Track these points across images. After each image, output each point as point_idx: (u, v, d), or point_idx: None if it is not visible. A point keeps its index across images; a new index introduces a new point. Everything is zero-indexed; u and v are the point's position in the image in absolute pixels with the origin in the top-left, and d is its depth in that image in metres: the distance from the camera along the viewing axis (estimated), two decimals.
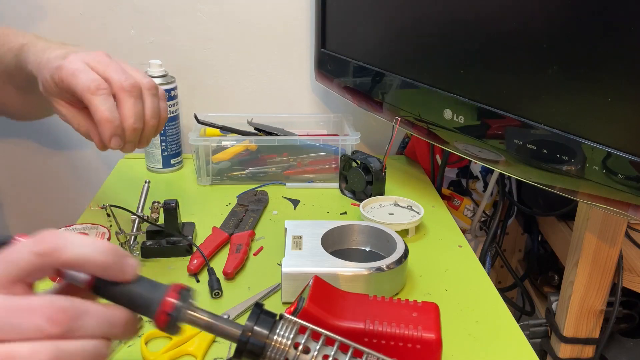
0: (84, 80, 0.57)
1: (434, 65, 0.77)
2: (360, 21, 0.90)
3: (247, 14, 1.03)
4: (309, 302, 0.49)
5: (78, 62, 0.59)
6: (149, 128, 0.62)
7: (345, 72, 0.95)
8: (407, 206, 0.83)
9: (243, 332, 0.39)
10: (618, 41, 0.54)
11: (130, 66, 0.62)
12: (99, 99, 0.57)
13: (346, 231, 0.71)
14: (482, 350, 0.57)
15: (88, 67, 0.59)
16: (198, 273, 0.68)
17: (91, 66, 0.59)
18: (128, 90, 0.59)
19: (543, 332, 0.93)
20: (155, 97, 0.62)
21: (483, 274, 0.71)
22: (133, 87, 0.59)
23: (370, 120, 1.06)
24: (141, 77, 0.61)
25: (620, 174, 0.55)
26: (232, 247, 0.72)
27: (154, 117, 0.62)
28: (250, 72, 1.07)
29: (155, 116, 0.62)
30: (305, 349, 0.40)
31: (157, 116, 0.63)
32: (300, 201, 0.89)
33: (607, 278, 0.80)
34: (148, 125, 0.62)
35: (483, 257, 1.01)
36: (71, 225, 0.71)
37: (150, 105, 0.62)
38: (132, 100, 0.59)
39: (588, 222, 0.77)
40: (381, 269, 0.62)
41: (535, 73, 0.62)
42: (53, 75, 0.59)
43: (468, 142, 0.73)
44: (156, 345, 0.56)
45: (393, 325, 0.49)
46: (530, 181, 0.66)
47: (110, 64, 0.60)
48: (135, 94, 0.59)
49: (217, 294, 0.64)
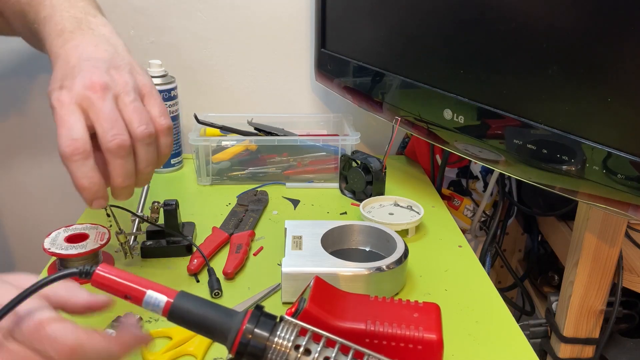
0: (62, 140, 0.51)
1: (434, 65, 0.77)
2: (360, 21, 0.90)
3: (247, 13, 1.03)
4: (309, 303, 0.49)
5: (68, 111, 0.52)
6: (144, 176, 0.56)
7: (345, 72, 0.95)
8: (407, 206, 0.83)
9: (244, 335, 0.39)
10: (618, 41, 0.54)
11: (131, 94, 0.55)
12: (73, 166, 0.51)
13: (346, 231, 0.71)
14: (482, 350, 0.57)
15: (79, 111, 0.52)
16: (198, 273, 0.68)
17: (83, 108, 0.52)
18: (114, 151, 0.52)
19: (543, 332, 0.93)
20: (151, 146, 0.55)
21: (483, 274, 0.71)
22: (119, 148, 0.52)
23: (370, 120, 1.06)
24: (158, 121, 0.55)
25: (620, 174, 0.55)
26: (232, 247, 0.72)
27: (149, 165, 0.55)
28: (250, 72, 1.07)
29: (151, 164, 0.55)
30: (306, 350, 0.40)
31: (153, 163, 0.56)
32: (300, 201, 0.89)
33: (607, 278, 0.80)
34: (142, 174, 0.55)
35: (483, 257, 1.01)
36: (71, 225, 0.71)
37: (145, 156, 0.54)
38: (120, 161, 0.52)
39: (588, 222, 0.77)
40: (381, 269, 0.62)
41: (535, 73, 0.62)
42: (51, 111, 0.53)
43: (468, 142, 0.73)
44: (156, 346, 0.56)
45: (394, 325, 0.49)
46: (530, 181, 0.66)
47: (100, 110, 0.52)
48: (122, 152, 0.52)
49: (217, 294, 0.64)
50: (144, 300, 0.40)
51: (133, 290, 0.41)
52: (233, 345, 0.39)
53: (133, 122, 0.53)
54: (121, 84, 0.55)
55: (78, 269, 0.41)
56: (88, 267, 0.41)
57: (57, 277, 0.41)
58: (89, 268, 0.41)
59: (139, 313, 0.58)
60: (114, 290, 0.41)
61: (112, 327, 0.56)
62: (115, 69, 0.56)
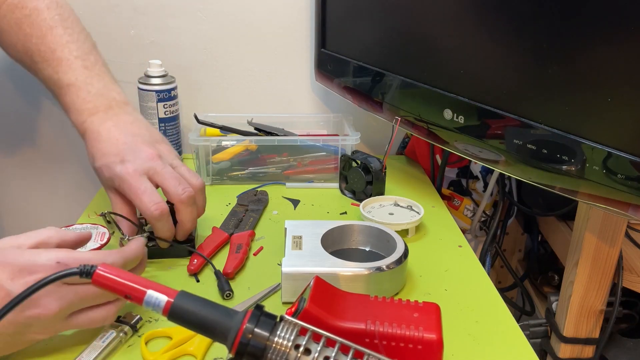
0: (147, 205, 0.64)
1: (434, 65, 0.77)
2: (360, 21, 0.90)
3: (247, 14, 1.03)
4: (309, 303, 0.49)
5: (139, 180, 0.65)
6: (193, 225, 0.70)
7: (345, 72, 0.95)
8: (407, 206, 0.83)
9: (244, 334, 0.39)
10: (618, 41, 0.54)
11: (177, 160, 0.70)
12: (161, 224, 0.65)
13: (346, 231, 0.71)
14: (482, 350, 0.57)
15: (146, 178, 0.65)
16: (198, 273, 0.68)
17: (149, 175, 0.66)
18: (186, 202, 0.66)
19: (543, 332, 0.93)
20: (203, 193, 0.70)
21: (483, 274, 0.71)
22: (189, 199, 0.66)
23: (370, 120, 1.06)
24: (193, 180, 0.68)
25: (621, 174, 0.55)
26: (232, 247, 0.72)
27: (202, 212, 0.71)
28: (250, 72, 1.07)
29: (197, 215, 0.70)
30: (306, 350, 0.40)
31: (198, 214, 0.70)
32: (300, 201, 0.89)
33: (607, 278, 0.80)
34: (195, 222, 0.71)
35: (483, 257, 1.01)
36: (71, 225, 0.71)
37: (202, 203, 0.70)
38: (189, 209, 0.67)
39: (588, 222, 0.77)
40: (381, 269, 0.62)
41: (535, 73, 0.62)
42: (113, 179, 0.66)
43: (468, 142, 0.73)
44: (156, 346, 0.56)
45: (394, 325, 0.49)
46: (530, 181, 0.66)
47: (165, 174, 0.66)
48: (191, 202, 0.67)
49: (228, 295, 0.64)
50: (144, 300, 0.41)
51: (134, 290, 0.41)
52: (233, 344, 0.39)
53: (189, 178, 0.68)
54: (167, 153, 0.69)
55: (79, 268, 0.41)
56: (89, 267, 0.41)
57: (58, 277, 0.41)
58: (90, 267, 0.41)
59: (140, 313, 0.58)
60: (114, 289, 0.41)
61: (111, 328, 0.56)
62: (157, 142, 0.70)
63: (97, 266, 0.41)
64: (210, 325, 0.40)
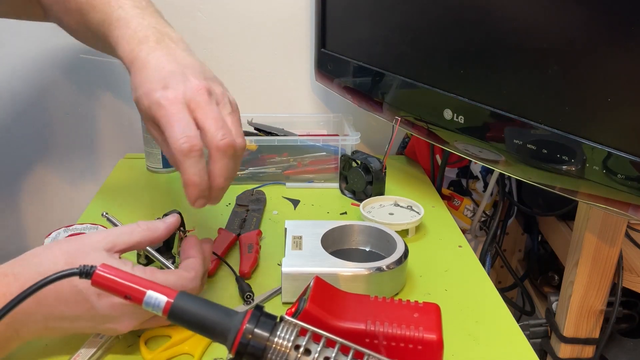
0: (176, 135, 0.53)
1: (434, 65, 0.77)
2: (360, 21, 0.90)
3: (247, 13, 1.03)
4: (309, 303, 0.49)
5: (177, 107, 0.54)
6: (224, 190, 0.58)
7: (345, 72, 0.95)
8: (407, 206, 0.83)
9: (244, 335, 0.39)
10: (618, 41, 0.54)
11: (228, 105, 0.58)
12: (189, 162, 0.53)
13: (346, 231, 0.71)
14: (482, 350, 0.57)
15: (187, 110, 0.55)
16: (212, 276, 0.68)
17: (190, 108, 0.55)
18: (223, 150, 0.54)
19: (543, 332, 0.93)
20: (240, 158, 0.58)
21: (483, 274, 0.71)
22: (228, 147, 0.54)
23: (370, 120, 1.06)
24: (236, 135, 0.56)
25: (621, 174, 0.55)
26: (243, 248, 0.72)
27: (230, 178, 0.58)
28: (250, 72, 1.07)
29: (232, 177, 0.58)
30: (306, 351, 0.40)
31: (233, 177, 0.58)
32: (300, 201, 0.89)
33: (607, 278, 0.80)
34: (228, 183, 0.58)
35: (483, 257, 1.01)
36: (71, 225, 0.71)
37: (236, 166, 0.58)
38: (226, 161, 0.55)
39: (588, 222, 0.77)
40: (381, 269, 0.62)
41: (535, 73, 0.62)
42: (151, 108, 0.56)
43: (468, 142, 0.73)
44: (155, 345, 0.56)
45: (394, 326, 0.49)
46: (530, 181, 0.66)
47: (209, 111, 0.55)
48: (229, 153, 0.55)
49: (249, 297, 0.63)
50: (144, 301, 0.41)
51: (133, 291, 0.41)
52: (233, 345, 0.39)
53: (234, 130, 0.56)
54: (219, 94, 0.58)
55: (79, 268, 0.41)
56: (88, 267, 0.41)
57: (58, 277, 0.41)
58: (90, 268, 0.41)
59: None
60: (114, 290, 0.41)
61: None
62: (211, 79, 0.59)
63: (97, 266, 0.41)
64: (210, 326, 0.40)
